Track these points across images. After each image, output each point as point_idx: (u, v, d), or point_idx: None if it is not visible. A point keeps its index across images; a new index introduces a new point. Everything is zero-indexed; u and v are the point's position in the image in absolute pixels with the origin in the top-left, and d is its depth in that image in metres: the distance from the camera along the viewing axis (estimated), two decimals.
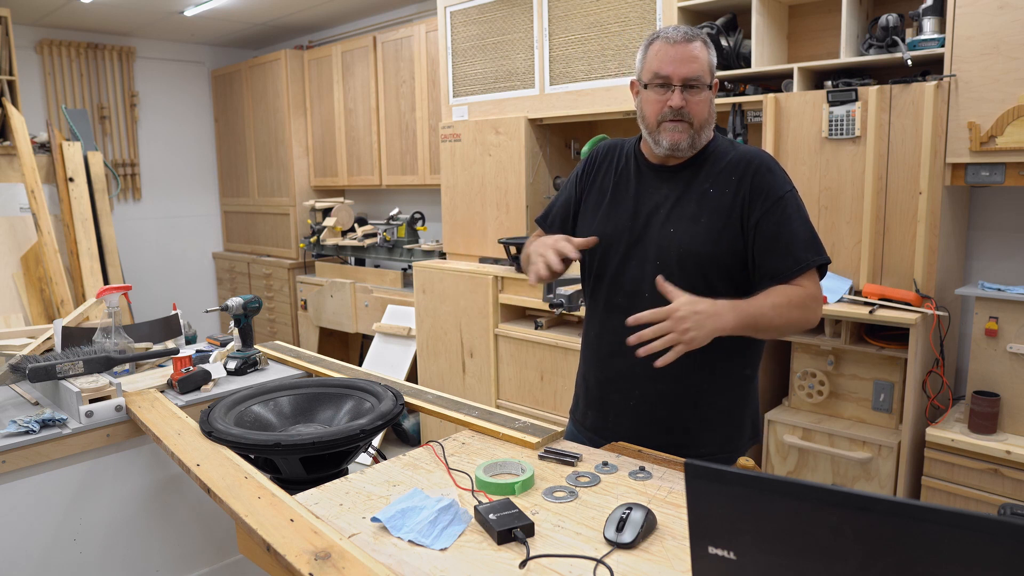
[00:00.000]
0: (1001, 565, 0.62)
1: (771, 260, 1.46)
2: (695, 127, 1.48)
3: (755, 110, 2.70)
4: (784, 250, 1.45)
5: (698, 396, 1.54)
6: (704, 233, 1.48)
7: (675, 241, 1.49)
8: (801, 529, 0.73)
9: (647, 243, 1.52)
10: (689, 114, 1.46)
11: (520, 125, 3.32)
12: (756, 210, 1.47)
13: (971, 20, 2.15)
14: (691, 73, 1.45)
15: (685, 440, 1.55)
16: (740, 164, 1.50)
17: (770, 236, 1.46)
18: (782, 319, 1.42)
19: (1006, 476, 2.10)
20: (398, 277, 4.42)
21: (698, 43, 1.47)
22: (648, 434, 1.54)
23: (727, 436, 1.58)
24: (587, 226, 1.63)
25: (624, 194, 1.58)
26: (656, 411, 1.55)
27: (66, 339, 2.11)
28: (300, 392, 1.72)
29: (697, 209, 1.50)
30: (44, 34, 5.14)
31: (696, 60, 1.46)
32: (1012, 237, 2.52)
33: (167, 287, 5.80)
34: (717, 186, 1.50)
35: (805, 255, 1.46)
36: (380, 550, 1.09)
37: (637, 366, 1.51)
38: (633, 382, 1.55)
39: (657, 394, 1.54)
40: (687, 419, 1.55)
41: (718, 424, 1.57)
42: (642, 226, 1.53)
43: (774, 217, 1.46)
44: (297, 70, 5.16)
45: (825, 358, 2.52)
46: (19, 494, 1.69)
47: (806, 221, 1.50)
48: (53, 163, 4.07)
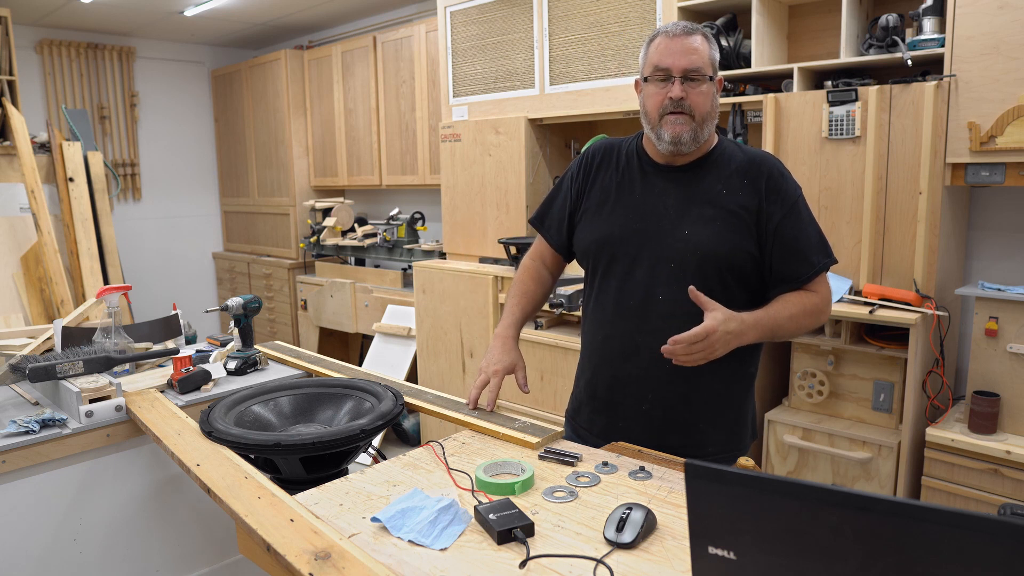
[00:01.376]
0: (1001, 565, 0.62)
1: (789, 265, 1.48)
2: (697, 120, 1.46)
3: (755, 110, 2.70)
4: (801, 255, 1.47)
5: (709, 396, 1.53)
6: (721, 236, 1.47)
7: (691, 244, 1.48)
8: (801, 529, 0.73)
9: (659, 245, 1.50)
10: (690, 106, 1.45)
11: (520, 125, 3.32)
12: (775, 215, 1.47)
13: (971, 20, 2.15)
14: (691, 64, 1.45)
15: (695, 440, 1.54)
16: (752, 167, 1.50)
17: (789, 241, 1.47)
18: (797, 328, 1.47)
19: (1006, 476, 2.10)
20: (398, 277, 4.42)
21: (698, 36, 1.47)
22: (660, 436, 1.53)
23: (733, 434, 1.58)
24: (589, 227, 1.61)
25: (629, 195, 1.56)
26: (669, 413, 1.54)
27: (66, 339, 2.11)
28: (300, 392, 1.72)
29: (712, 211, 1.49)
30: (44, 34, 5.14)
31: (696, 52, 1.45)
32: (1012, 237, 2.52)
33: (167, 287, 5.80)
34: (729, 188, 1.49)
35: (819, 259, 1.49)
36: (380, 550, 1.09)
37: (652, 368, 1.52)
38: (647, 385, 1.54)
39: (671, 396, 1.53)
40: (698, 420, 1.54)
41: (725, 423, 1.57)
42: (653, 228, 1.51)
43: (791, 222, 1.47)
44: (297, 70, 5.16)
45: (825, 358, 2.52)
46: (19, 494, 1.69)
47: (815, 224, 1.52)
48: (53, 163, 4.07)
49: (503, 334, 1.68)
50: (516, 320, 1.71)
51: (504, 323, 1.70)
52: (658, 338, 1.47)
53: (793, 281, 1.48)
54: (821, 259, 1.49)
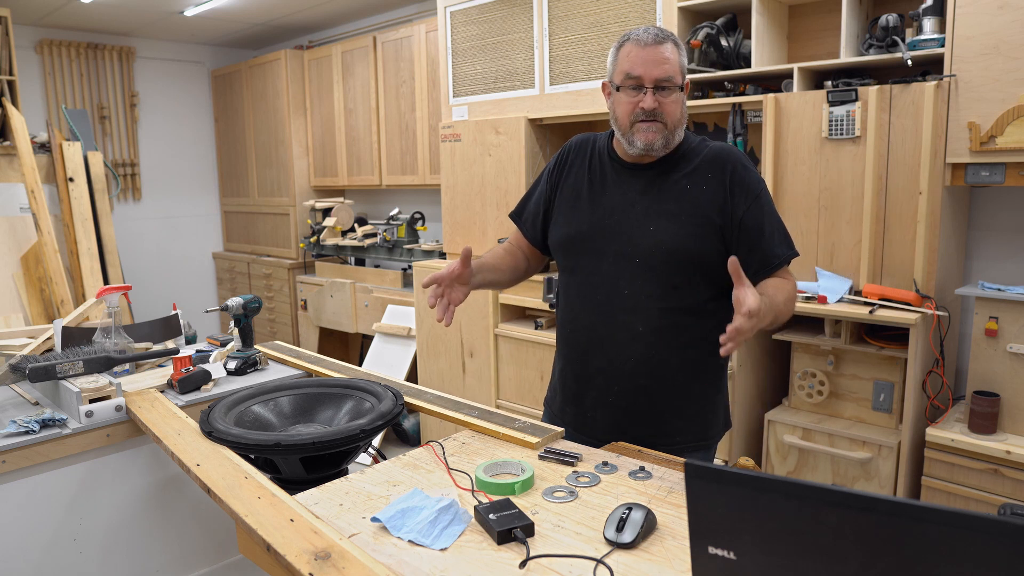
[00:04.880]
0: (1001, 565, 0.62)
1: (755, 255, 1.49)
2: (669, 127, 1.50)
3: (755, 110, 2.70)
4: (766, 246, 1.50)
5: (675, 388, 1.56)
6: (686, 230, 1.49)
7: (656, 239, 1.50)
8: (801, 529, 0.73)
9: (624, 240, 1.53)
10: (663, 114, 1.49)
11: (520, 125, 3.32)
12: (739, 207, 1.49)
13: (971, 20, 2.15)
14: (663, 75, 1.47)
15: (662, 431, 1.57)
16: (716, 161, 1.52)
17: (753, 233, 1.49)
18: (788, 312, 1.47)
19: (1006, 476, 2.10)
20: (398, 277, 4.42)
21: (669, 44, 1.49)
22: (626, 427, 1.56)
23: (703, 426, 1.60)
24: (561, 223, 1.64)
25: (599, 192, 1.59)
26: (634, 404, 1.56)
27: (66, 339, 2.11)
28: (300, 392, 1.72)
29: (676, 207, 1.51)
30: (44, 34, 5.14)
31: (667, 62, 1.48)
32: (1012, 237, 2.52)
33: (167, 287, 5.80)
34: (694, 183, 1.52)
35: (783, 250, 1.52)
36: (380, 550, 1.09)
37: (615, 361, 1.55)
38: (612, 377, 1.57)
39: (635, 388, 1.55)
40: (664, 411, 1.57)
41: (693, 415, 1.59)
42: (620, 224, 1.54)
43: (755, 213, 1.50)
44: (297, 70, 5.16)
45: (825, 358, 2.52)
46: (19, 494, 1.69)
47: (778, 217, 1.55)
48: (53, 163, 4.07)
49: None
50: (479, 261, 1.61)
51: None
52: (621, 331, 1.53)
53: (759, 272, 1.49)
54: (785, 251, 1.52)
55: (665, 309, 1.52)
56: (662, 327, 1.53)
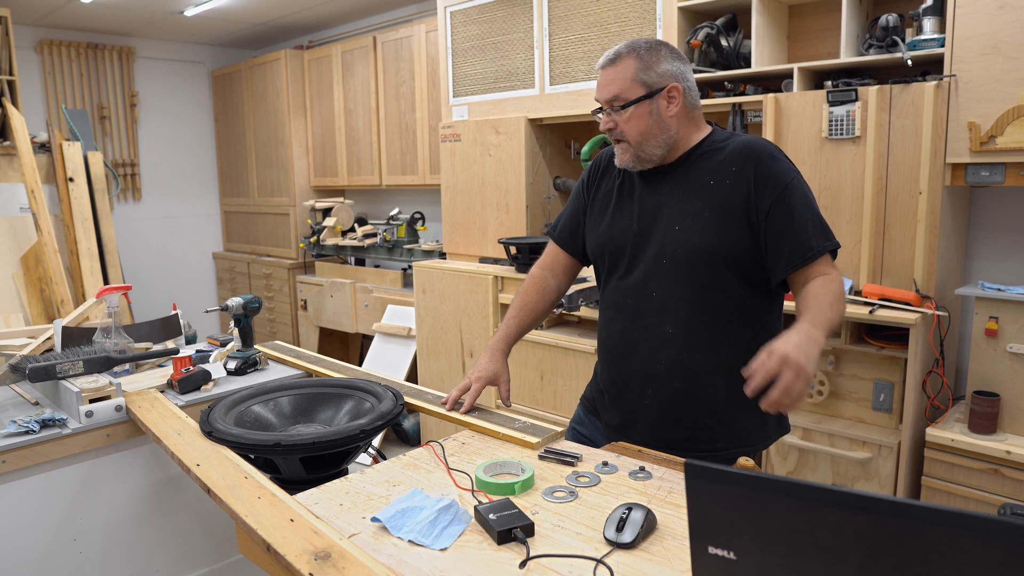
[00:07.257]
0: (1001, 565, 0.62)
1: (784, 249, 1.44)
2: (633, 144, 1.52)
3: (755, 110, 2.70)
4: (797, 236, 1.43)
5: (711, 392, 1.53)
6: (709, 226, 1.47)
7: (681, 238, 1.49)
8: (801, 529, 0.73)
9: (653, 243, 1.53)
10: (621, 133, 1.52)
11: (520, 125, 3.32)
12: (764, 200, 1.44)
13: (971, 20, 2.15)
14: (608, 95, 1.51)
15: (701, 437, 1.55)
16: (740, 154, 1.49)
17: (781, 225, 1.44)
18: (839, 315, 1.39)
19: (1006, 476, 2.10)
20: (398, 277, 4.42)
21: (623, 61, 1.50)
22: (664, 431, 1.56)
23: (745, 431, 1.56)
24: (594, 233, 1.67)
25: (628, 198, 1.61)
26: (670, 408, 1.55)
27: (66, 339, 2.11)
28: (300, 392, 1.72)
29: (700, 203, 1.49)
30: (44, 34, 5.14)
31: (613, 81, 1.50)
32: (1012, 237, 2.52)
33: (167, 287, 5.80)
34: (717, 178, 1.49)
35: (819, 241, 1.44)
36: (380, 550, 1.09)
37: (648, 364, 1.55)
38: (646, 381, 1.56)
39: (671, 391, 1.54)
40: (700, 415, 1.54)
41: (733, 419, 1.55)
42: (647, 227, 1.55)
43: (783, 205, 1.44)
44: (297, 70, 5.16)
45: (825, 358, 2.52)
46: (19, 494, 1.69)
47: (813, 208, 1.47)
48: (53, 163, 4.07)
49: (493, 346, 1.70)
50: (509, 334, 1.73)
51: (497, 335, 1.72)
52: (651, 334, 1.53)
53: (790, 265, 1.44)
54: (822, 242, 1.44)
55: (695, 310, 1.49)
56: (693, 329, 1.50)
